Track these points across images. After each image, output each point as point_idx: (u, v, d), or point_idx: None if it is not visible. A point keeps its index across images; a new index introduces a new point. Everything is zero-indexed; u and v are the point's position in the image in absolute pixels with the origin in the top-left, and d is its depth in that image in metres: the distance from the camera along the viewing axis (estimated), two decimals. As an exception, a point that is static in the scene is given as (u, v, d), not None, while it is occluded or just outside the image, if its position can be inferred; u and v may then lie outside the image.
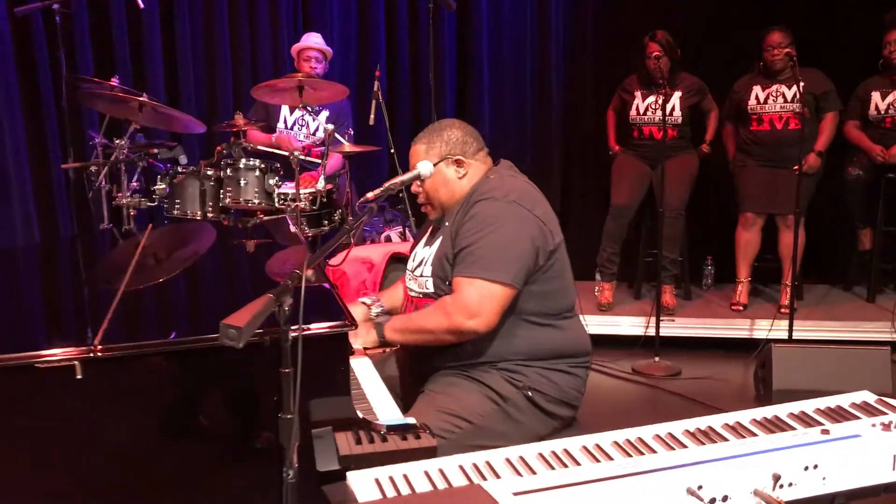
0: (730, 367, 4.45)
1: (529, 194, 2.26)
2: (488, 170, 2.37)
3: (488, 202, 2.19)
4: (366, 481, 1.60)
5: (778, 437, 1.75)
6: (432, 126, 2.40)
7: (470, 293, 2.10)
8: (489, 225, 2.15)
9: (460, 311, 2.11)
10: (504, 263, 2.12)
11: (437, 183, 2.33)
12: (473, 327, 2.11)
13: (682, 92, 4.92)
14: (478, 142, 2.39)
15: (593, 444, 1.74)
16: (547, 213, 2.26)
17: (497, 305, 2.12)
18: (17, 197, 4.90)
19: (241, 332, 1.38)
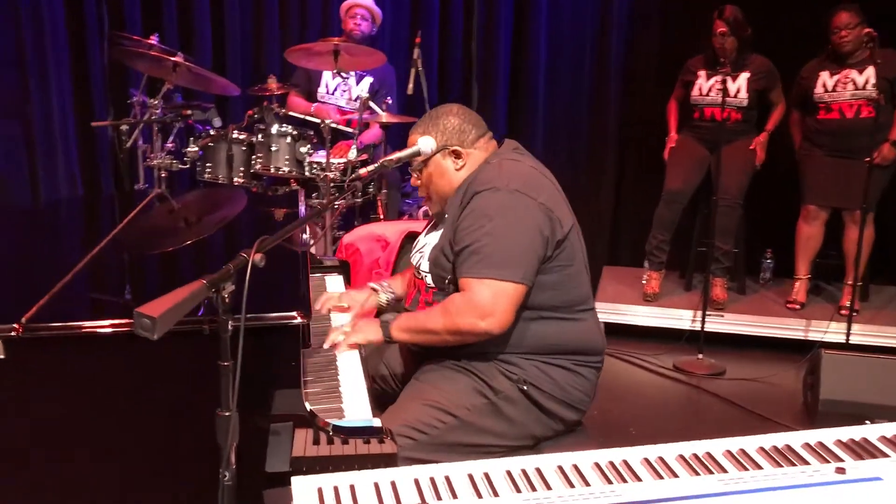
0: (779, 369, 4.16)
1: (533, 179, 2.06)
2: (490, 155, 2.17)
3: (489, 193, 2.00)
4: (308, 490, 1.45)
5: (779, 472, 1.53)
6: (430, 113, 2.21)
7: (481, 293, 1.93)
8: (493, 219, 1.97)
9: (472, 311, 1.94)
10: (514, 260, 1.95)
11: (435, 175, 2.16)
12: (486, 328, 1.94)
13: (749, 73, 4.59)
14: (478, 128, 2.19)
15: (570, 465, 1.56)
16: (553, 198, 2.07)
17: (510, 304, 1.96)
18: (61, 153, 4.92)
19: (155, 323, 1.23)
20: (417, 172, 2.19)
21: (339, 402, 1.81)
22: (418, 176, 2.19)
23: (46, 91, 4.82)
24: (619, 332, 4.64)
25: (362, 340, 2.08)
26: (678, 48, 5.07)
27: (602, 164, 5.53)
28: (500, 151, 2.18)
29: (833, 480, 1.49)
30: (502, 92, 5.35)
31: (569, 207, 2.14)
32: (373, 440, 1.65)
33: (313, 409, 1.73)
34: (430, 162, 2.13)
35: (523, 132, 5.47)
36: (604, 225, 5.63)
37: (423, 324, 2.04)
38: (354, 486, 1.47)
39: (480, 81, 5.36)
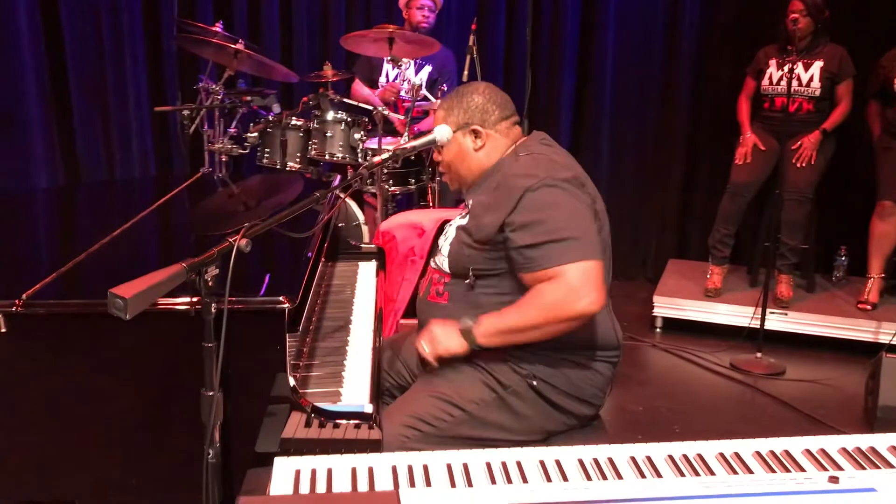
0: (843, 372, 4.00)
1: (570, 175, 2.03)
2: (516, 143, 2.14)
3: (545, 189, 1.96)
4: (287, 471, 1.48)
5: (769, 478, 1.47)
6: (457, 89, 2.20)
7: (573, 276, 1.89)
8: (557, 209, 1.94)
9: (568, 295, 1.89)
10: (587, 240, 1.93)
11: (454, 154, 2.14)
12: (584, 308, 1.89)
13: (824, 62, 4.40)
14: (502, 110, 2.15)
15: (553, 460, 1.54)
16: (590, 192, 2.07)
17: (600, 281, 1.93)
18: (136, 135, 5.13)
19: (127, 303, 1.28)
20: (438, 149, 2.17)
21: (338, 387, 1.83)
22: (439, 152, 2.18)
23: (122, 76, 5.03)
24: (677, 327, 4.54)
25: (447, 353, 2.02)
26: (752, 36, 4.89)
27: (671, 155, 5.38)
28: (529, 144, 2.13)
29: (824, 489, 1.43)
30: (568, 81, 5.27)
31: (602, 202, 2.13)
32: (363, 425, 1.67)
33: (308, 391, 1.76)
34: (450, 140, 2.12)
35: (589, 122, 5.39)
36: (671, 217, 5.49)
37: (516, 323, 1.96)
38: (332, 470, 1.49)
39: (546, 70, 5.29)
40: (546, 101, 5.34)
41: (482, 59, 4.97)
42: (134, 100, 5.06)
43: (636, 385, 3.88)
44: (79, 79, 5.05)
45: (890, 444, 1.62)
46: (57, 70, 5.02)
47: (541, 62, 5.29)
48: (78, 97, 5.07)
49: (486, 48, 5.18)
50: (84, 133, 5.11)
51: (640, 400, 3.72)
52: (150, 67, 5.09)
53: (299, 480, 1.46)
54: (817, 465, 1.54)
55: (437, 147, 2.14)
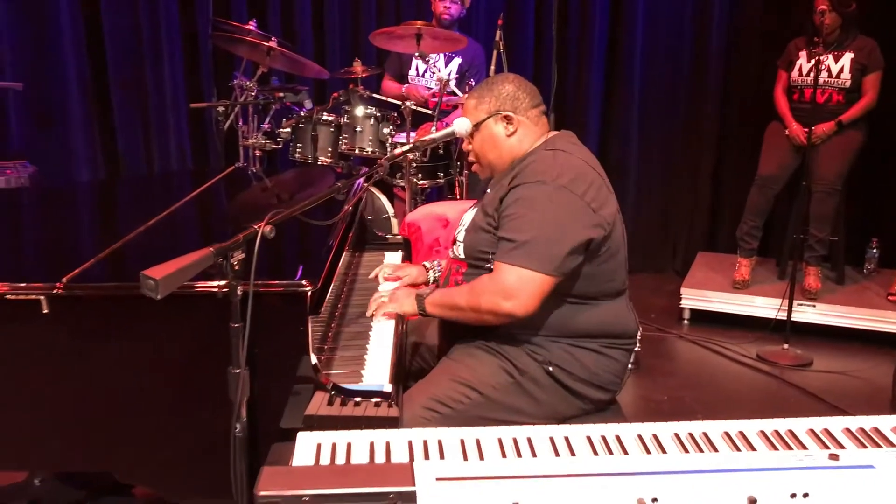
0: (870, 363, 4.00)
1: (583, 176, 2.06)
2: (544, 137, 2.20)
3: (536, 186, 2.02)
4: (309, 444, 1.57)
5: (771, 455, 1.53)
6: (487, 80, 2.26)
7: (508, 276, 1.98)
8: (535, 210, 2.00)
9: (497, 292, 1.99)
10: (548, 252, 1.97)
11: (485, 140, 2.20)
12: (509, 310, 1.98)
13: (854, 53, 4.38)
14: (532, 98, 2.21)
15: (562, 437, 1.61)
16: (600, 195, 2.07)
17: (537, 291, 1.98)
18: (173, 130, 5.28)
19: (158, 284, 1.37)
20: (469, 137, 2.23)
21: (360, 369, 1.91)
22: (469, 140, 2.24)
23: (160, 74, 5.18)
24: (705, 318, 4.57)
25: (398, 310, 2.17)
26: (781, 29, 4.89)
27: (700, 148, 5.39)
28: (555, 142, 2.18)
29: (823, 466, 1.47)
30: (597, 74, 5.31)
31: (615, 203, 2.14)
32: (382, 404, 1.75)
33: (331, 372, 1.85)
34: (482, 126, 2.18)
35: (618, 115, 5.42)
36: (701, 210, 5.51)
37: (453, 300, 2.10)
38: (351, 444, 1.57)
39: (575, 63, 5.33)
40: (574, 95, 5.39)
41: (511, 53, 5.04)
42: (171, 97, 5.21)
43: (661, 375, 3.92)
44: (118, 77, 5.21)
45: (893, 425, 1.66)
46: (97, 69, 5.19)
47: (569, 56, 5.34)
48: (118, 95, 5.23)
49: (514, 42, 5.24)
50: (123, 130, 5.28)
51: (665, 389, 3.76)
52: (187, 65, 5.23)
53: (320, 453, 1.54)
54: (819, 444, 1.59)
55: (466, 136, 2.21)
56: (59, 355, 1.64)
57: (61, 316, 1.60)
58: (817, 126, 4.35)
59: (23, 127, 5.21)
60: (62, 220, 2.52)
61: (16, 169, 4.84)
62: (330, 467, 1.50)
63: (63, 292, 1.59)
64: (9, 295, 1.60)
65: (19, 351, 1.63)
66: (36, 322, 1.60)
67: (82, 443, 1.69)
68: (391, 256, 2.87)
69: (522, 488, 1.40)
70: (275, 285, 1.64)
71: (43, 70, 5.11)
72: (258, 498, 1.37)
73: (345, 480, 1.40)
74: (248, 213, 2.51)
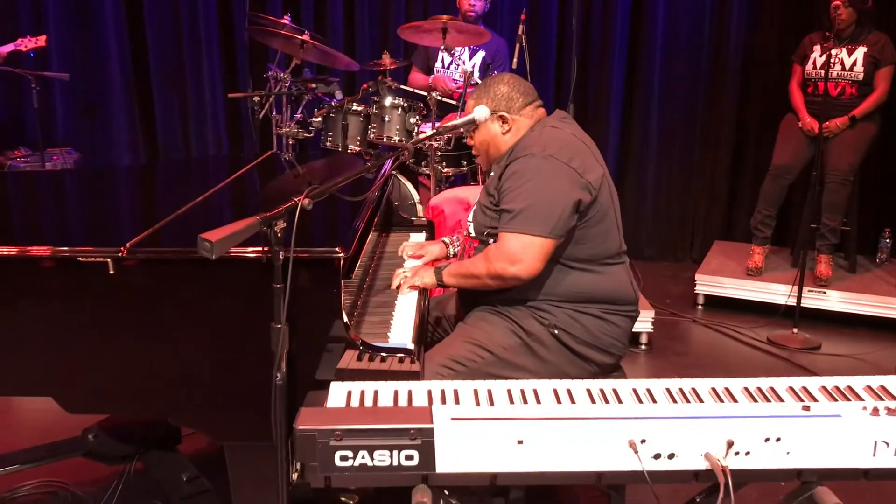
0: (876, 347, 4.15)
1: (568, 146, 2.27)
2: (537, 122, 2.40)
3: (526, 159, 2.23)
4: (341, 391, 1.78)
5: (749, 405, 1.72)
6: (485, 81, 2.46)
7: (512, 243, 2.19)
8: (528, 181, 2.20)
9: (502, 258, 2.20)
10: (543, 216, 2.17)
11: (484, 136, 2.42)
12: (515, 273, 2.19)
13: (867, 48, 4.51)
14: (525, 97, 2.40)
15: (565, 389, 1.81)
16: (585, 162, 2.26)
17: (539, 254, 2.18)
18: (210, 120, 5.53)
19: (213, 246, 1.58)
20: (471, 134, 2.45)
21: (387, 331, 2.12)
22: (471, 136, 2.46)
23: (198, 65, 5.44)
24: (719, 304, 4.73)
25: (418, 283, 2.39)
26: (800, 22, 5.02)
27: (718, 140, 5.55)
28: (546, 120, 2.39)
29: (796, 414, 1.66)
30: (618, 67, 5.47)
31: (604, 172, 2.33)
32: (406, 360, 1.96)
33: (361, 332, 2.06)
34: (480, 125, 2.40)
35: (639, 107, 5.58)
36: (719, 201, 5.66)
37: (467, 269, 2.32)
38: (378, 392, 1.79)
39: (598, 57, 5.51)
40: (596, 89, 5.56)
41: (534, 47, 5.24)
42: (209, 87, 5.47)
43: (673, 355, 4.09)
44: (159, 68, 5.48)
45: (866, 384, 1.84)
46: (139, 61, 5.46)
47: (591, 49, 5.51)
48: (158, 85, 5.50)
49: (538, 36, 5.43)
50: (163, 118, 5.55)
51: (676, 370, 3.93)
52: (224, 57, 5.49)
53: (350, 398, 1.76)
54: (796, 398, 1.78)
55: (471, 132, 2.42)
56: (123, 311, 1.87)
57: (125, 276, 1.83)
58: (831, 121, 4.49)
59: (68, 115, 5.50)
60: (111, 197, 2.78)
61: (62, 155, 5.12)
62: (359, 409, 1.71)
63: (127, 256, 1.82)
64: (80, 257, 1.83)
65: (89, 306, 1.86)
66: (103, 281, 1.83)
67: (136, 392, 1.91)
68: (416, 237, 3.07)
69: (526, 428, 1.60)
70: (312, 251, 1.85)
71: (88, 62, 5.39)
72: (297, 432, 1.59)
73: (371, 419, 1.62)
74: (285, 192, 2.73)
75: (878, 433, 1.63)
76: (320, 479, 1.61)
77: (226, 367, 1.90)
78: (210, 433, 1.96)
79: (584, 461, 1.61)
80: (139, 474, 2.67)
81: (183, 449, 2.78)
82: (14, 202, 2.68)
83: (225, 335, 1.89)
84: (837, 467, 1.65)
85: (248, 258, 1.85)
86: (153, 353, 1.89)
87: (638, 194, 5.73)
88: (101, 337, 1.88)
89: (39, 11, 5.32)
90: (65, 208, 2.65)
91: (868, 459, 1.64)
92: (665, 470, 1.63)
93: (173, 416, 1.93)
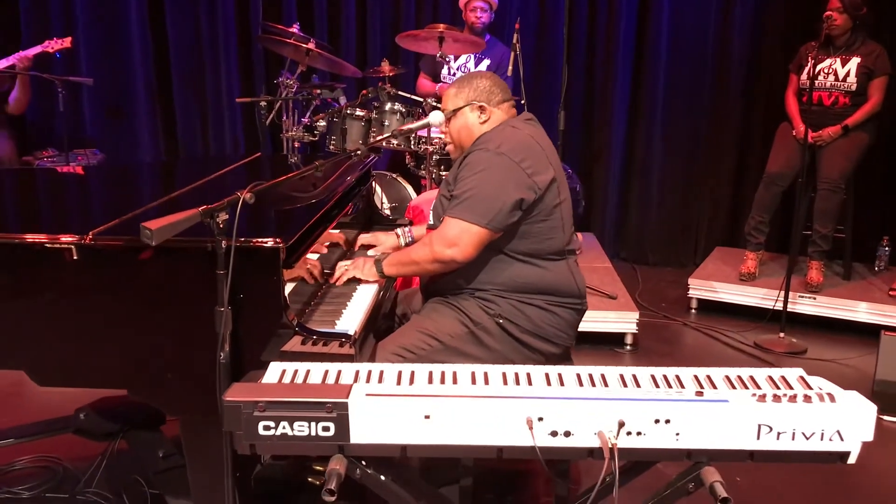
0: (861, 353, 4.20)
1: (523, 146, 2.40)
2: (505, 120, 2.54)
3: (480, 152, 2.39)
4: (276, 370, 1.95)
5: (639, 390, 1.85)
6: (467, 75, 2.62)
7: (450, 227, 2.35)
8: (477, 173, 2.36)
9: (440, 241, 2.36)
10: (484, 207, 2.31)
11: (460, 125, 2.55)
12: (451, 255, 2.34)
13: (861, 58, 4.57)
14: (504, 93, 2.55)
15: (483, 372, 1.95)
16: (536, 165, 2.38)
17: (474, 240, 2.33)
18: (228, 122, 5.79)
19: (153, 234, 1.77)
20: (447, 121, 2.59)
21: (336, 319, 2.28)
22: (447, 125, 2.60)
23: (217, 71, 5.69)
24: (712, 308, 4.81)
25: (359, 275, 2.53)
26: (804, 30, 5.07)
27: (722, 148, 5.63)
28: (510, 120, 2.53)
29: (689, 399, 1.78)
30: (623, 74, 5.59)
31: (555, 175, 2.45)
32: (345, 344, 2.12)
33: (312, 319, 2.23)
34: (459, 113, 2.54)
35: (643, 116, 5.69)
36: (723, 207, 5.74)
37: (408, 256, 2.48)
38: (310, 371, 1.95)
39: (602, 63, 5.63)
40: (602, 96, 5.68)
41: (541, 54, 5.40)
42: (227, 92, 5.72)
43: (659, 357, 4.19)
44: (180, 74, 5.75)
45: (767, 375, 1.95)
46: (161, 67, 5.74)
47: (596, 58, 5.64)
48: (179, 90, 5.77)
49: (545, 44, 5.58)
50: (183, 122, 5.82)
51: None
52: (241, 64, 5.73)
53: (283, 376, 1.92)
54: (698, 385, 1.89)
55: (441, 124, 2.58)
56: (86, 294, 2.07)
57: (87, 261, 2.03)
58: (823, 130, 4.55)
59: (95, 118, 5.80)
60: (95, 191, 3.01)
61: (86, 156, 5.40)
62: (287, 385, 1.88)
63: (91, 243, 2.02)
64: (46, 244, 2.04)
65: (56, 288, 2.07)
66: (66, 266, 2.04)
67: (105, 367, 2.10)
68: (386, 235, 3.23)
69: (433, 404, 1.75)
70: (253, 241, 2.03)
71: (113, 67, 5.68)
72: (224, 402, 1.76)
73: (294, 393, 1.78)
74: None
75: (761, 418, 1.75)
76: (245, 446, 1.78)
77: (177, 347, 2.08)
78: (163, 407, 2.14)
79: (486, 436, 1.75)
80: (123, 451, 2.88)
81: (167, 430, 2.97)
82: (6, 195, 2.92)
83: (176, 317, 2.07)
84: (725, 449, 1.77)
85: (198, 247, 2.03)
86: (112, 332, 2.08)
87: (642, 200, 5.83)
88: (67, 317, 2.07)
89: (70, 23, 5.62)
90: (50, 200, 2.88)
91: (753, 442, 1.76)
92: (561, 446, 1.76)
93: (131, 391, 2.12)
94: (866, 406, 1.79)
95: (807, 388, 1.88)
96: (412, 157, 4.73)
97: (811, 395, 1.80)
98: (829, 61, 4.60)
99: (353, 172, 3.05)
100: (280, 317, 2.06)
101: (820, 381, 1.94)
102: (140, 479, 2.70)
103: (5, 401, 3.45)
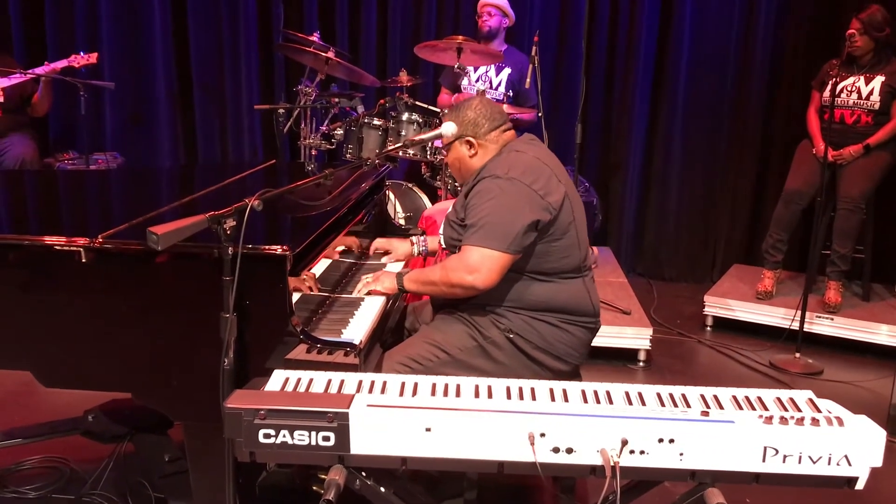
0: (879, 375, 4.13)
1: (531, 169, 2.39)
2: (505, 145, 2.52)
3: (490, 180, 2.37)
4: (279, 378, 1.95)
5: (646, 408, 1.82)
6: (458, 104, 2.59)
7: (472, 255, 2.32)
8: (490, 200, 2.34)
9: (462, 268, 2.33)
10: (502, 232, 2.30)
11: (454, 157, 2.57)
12: (472, 282, 2.31)
13: (885, 77, 4.52)
14: (491, 122, 2.51)
15: (486, 385, 1.94)
16: (547, 186, 2.37)
17: (496, 266, 2.31)
18: (247, 129, 5.82)
19: (159, 238, 1.77)
20: (445, 152, 2.61)
21: (342, 328, 2.28)
22: (446, 154, 2.61)
23: (237, 78, 5.73)
24: (727, 326, 4.76)
25: (381, 288, 2.54)
26: (826, 49, 5.03)
27: (742, 164, 5.59)
28: (512, 144, 2.52)
29: (694, 419, 1.76)
30: (642, 90, 5.57)
31: (566, 192, 2.43)
32: (350, 354, 2.11)
33: (319, 328, 2.23)
34: (452, 146, 2.55)
35: (662, 131, 5.66)
36: (742, 224, 5.69)
37: (427, 276, 2.46)
38: (313, 379, 1.94)
39: (621, 78, 5.61)
40: (621, 109, 5.67)
41: (561, 67, 5.39)
42: (246, 100, 5.74)
43: (672, 374, 4.15)
44: (201, 81, 5.79)
45: (776, 397, 1.92)
46: (183, 73, 5.79)
47: (615, 72, 5.62)
48: (199, 97, 5.82)
49: (565, 57, 5.57)
50: (203, 128, 5.86)
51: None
52: (262, 72, 5.77)
53: (286, 384, 1.92)
54: (704, 404, 1.87)
55: (445, 150, 2.58)
56: (93, 297, 2.08)
57: (96, 264, 2.04)
58: (845, 148, 4.51)
59: (117, 124, 5.85)
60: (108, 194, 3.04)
61: (107, 160, 5.45)
62: (289, 393, 1.87)
63: (100, 245, 2.03)
64: (55, 246, 2.05)
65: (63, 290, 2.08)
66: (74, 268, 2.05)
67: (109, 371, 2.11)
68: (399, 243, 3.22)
69: (434, 417, 1.74)
70: (260, 248, 2.03)
71: (136, 72, 5.74)
72: (226, 409, 1.76)
73: (296, 401, 1.78)
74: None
75: (768, 440, 1.72)
76: (245, 453, 1.78)
77: (182, 352, 2.09)
78: (166, 412, 2.14)
79: (487, 451, 1.74)
80: (130, 454, 2.89)
81: (175, 434, 2.98)
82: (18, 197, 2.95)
83: (181, 322, 2.08)
84: (729, 470, 1.75)
85: (205, 253, 2.03)
86: (118, 335, 2.09)
87: (660, 215, 5.79)
88: (72, 319, 2.08)
89: (95, 29, 5.68)
90: (65, 203, 2.91)
91: (758, 464, 1.73)
92: (563, 463, 1.75)
93: (135, 394, 2.12)
94: (875, 431, 1.75)
95: (815, 411, 1.85)
96: (428, 167, 4.73)
97: (819, 419, 1.77)
98: (853, 79, 4.56)
99: (367, 181, 3.05)
100: (285, 324, 2.06)
101: (829, 403, 1.91)
102: (145, 482, 2.71)
103: (15, 400, 3.48)
